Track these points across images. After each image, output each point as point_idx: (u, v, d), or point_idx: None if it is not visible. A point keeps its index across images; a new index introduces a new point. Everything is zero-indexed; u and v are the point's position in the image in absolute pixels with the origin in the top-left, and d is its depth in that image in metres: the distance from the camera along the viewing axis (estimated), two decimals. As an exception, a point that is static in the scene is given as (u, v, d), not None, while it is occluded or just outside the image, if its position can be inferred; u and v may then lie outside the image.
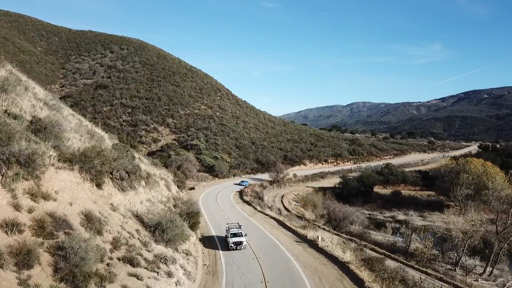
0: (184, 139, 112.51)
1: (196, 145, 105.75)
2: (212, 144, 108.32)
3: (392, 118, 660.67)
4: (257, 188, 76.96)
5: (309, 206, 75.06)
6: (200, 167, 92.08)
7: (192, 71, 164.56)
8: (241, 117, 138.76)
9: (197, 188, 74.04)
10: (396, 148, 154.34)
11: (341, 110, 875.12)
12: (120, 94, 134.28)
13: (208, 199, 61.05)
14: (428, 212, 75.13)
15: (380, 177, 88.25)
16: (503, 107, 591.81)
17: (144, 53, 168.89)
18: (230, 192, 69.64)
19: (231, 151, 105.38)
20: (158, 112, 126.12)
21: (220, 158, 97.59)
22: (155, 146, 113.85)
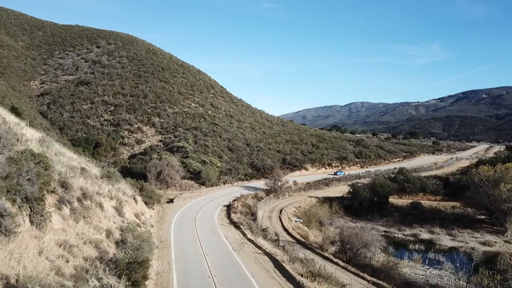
0: (171, 141, 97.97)
1: (183, 147, 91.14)
2: (201, 146, 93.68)
3: (391, 118, 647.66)
4: (249, 200, 62.27)
5: (313, 223, 60.49)
6: (185, 173, 77.46)
7: (184, 67, 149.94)
8: (236, 116, 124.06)
9: (176, 200, 59.39)
10: (404, 149, 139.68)
11: (340, 110, 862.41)
12: (103, 91, 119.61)
13: (185, 218, 46.38)
14: (457, 230, 60.48)
15: (395, 185, 73.61)
16: (502, 107, 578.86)
17: (133, 47, 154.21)
18: (216, 207, 54.95)
19: (222, 154, 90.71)
20: (144, 111, 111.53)
21: (209, 163, 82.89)
22: (138, 148, 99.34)
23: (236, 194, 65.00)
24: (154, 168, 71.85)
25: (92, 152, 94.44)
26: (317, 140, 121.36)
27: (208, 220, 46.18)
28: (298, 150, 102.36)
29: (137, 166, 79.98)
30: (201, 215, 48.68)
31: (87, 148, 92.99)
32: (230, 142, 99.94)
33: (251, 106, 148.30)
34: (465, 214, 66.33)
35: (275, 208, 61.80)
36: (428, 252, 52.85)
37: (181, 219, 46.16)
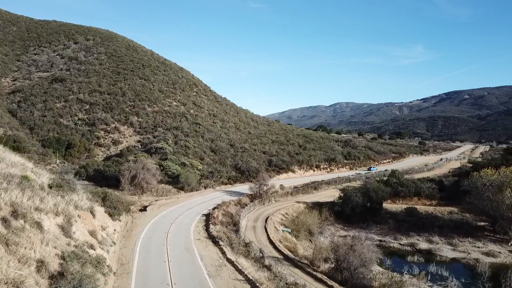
0: (149, 141, 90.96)
1: (162, 149, 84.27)
2: (182, 147, 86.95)
3: (375, 118, 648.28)
4: (232, 207, 55.91)
5: (302, 232, 54.42)
6: (163, 176, 70.72)
7: (165, 64, 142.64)
8: (219, 115, 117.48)
9: (150, 208, 52.75)
10: (393, 150, 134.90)
11: (325, 110, 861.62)
12: (78, 88, 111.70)
13: (156, 232, 39.82)
14: (458, 239, 55.16)
15: (389, 189, 68.11)
16: (483, 107, 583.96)
17: (112, 44, 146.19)
18: (194, 217, 48.45)
19: (204, 156, 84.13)
20: (121, 109, 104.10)
21: (189, 165, 76.25)
22: (114, 149, 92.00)
23: (218, 201, 58.59)
24: (128, 171, 65.02)
25: (64, 153, 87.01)
26: (304, 140, 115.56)
27: (182, 234, 39.67)
28: (284, 151, 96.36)
29: (110, 169, 72.84)
30: (175, 228, 42.15)
31: (58, 149, 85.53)
32: (213, 142, 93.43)
33: (236, 105, 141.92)
34: (464, 221, 61.08)
35: (260, 216, 55.59)
36: (430, 265, 47.34)
37: (152, 232, 39.58)
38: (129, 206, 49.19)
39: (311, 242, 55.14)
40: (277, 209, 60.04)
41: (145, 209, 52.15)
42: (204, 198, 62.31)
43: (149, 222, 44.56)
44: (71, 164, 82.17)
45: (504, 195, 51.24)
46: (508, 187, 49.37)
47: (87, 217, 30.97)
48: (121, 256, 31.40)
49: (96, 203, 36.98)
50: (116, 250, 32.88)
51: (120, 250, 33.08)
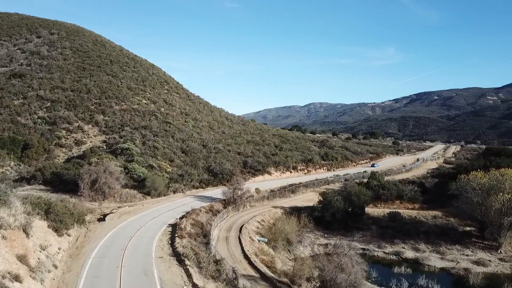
0: (115, 141, 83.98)
1: (128, 149, 77.48)
2: (150, 148, 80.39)
3: (349, 118, 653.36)
4: (202, 215, 50.12)
5: (279, 242, 49.17)
6: (128, 180, 64.21)
7: (135, 61, 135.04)
8: (192, 114, 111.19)
9: (110, 218, 46.41)
10: (370, 151, 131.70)
11: (299, 110, 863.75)
12: (39, 84, 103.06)
13: (111, 249, 33.72)
14: (445, 246, 51.20)
15: (370, 193, 63.76)
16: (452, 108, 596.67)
17: (78, 38, 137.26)
18: (158, 228, 42.46)
19: (174, 157, 77.87)
20: (86, 107, 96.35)
21: (157, 168, 69.92)
22: (77, 150, 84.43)
23: (187, 208, 52.73)
24: (88, 175, 58.21)
25: (20, 155, 78.94)
26: (280, 140, 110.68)
27: (142, 251, 33.71)
28: (260, 152, 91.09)
29: (70, 173, 65.60)
30: (135, 242, 36.12)
31: (13, 150, 77.45)
32: (184, 143, 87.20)
33: (210, 104, 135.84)
34: (449, 226, 57.34)
35: (234, 224, 50.03)
36: (419, 277, 43.01)
37: (106, 250, 33.46)
38: (83, 216, 42.76)
39: (289, 253, 50.11)
40: (253, 216, 54.63)
41: (103, 219, 45.81)
42: (172, 204, 56.23)
43: (106, 235, 38.33)
44: (28, 167, 74.42)
45: (493, 199, 47.52)
46: (499, 191, 45.57)
47: (17, 237, 24.72)
48: (61, 285, 25.30)
49: (36, 216, 30.69)
50: (57, 275, 26.74)
51: (62, 276, 26.95)
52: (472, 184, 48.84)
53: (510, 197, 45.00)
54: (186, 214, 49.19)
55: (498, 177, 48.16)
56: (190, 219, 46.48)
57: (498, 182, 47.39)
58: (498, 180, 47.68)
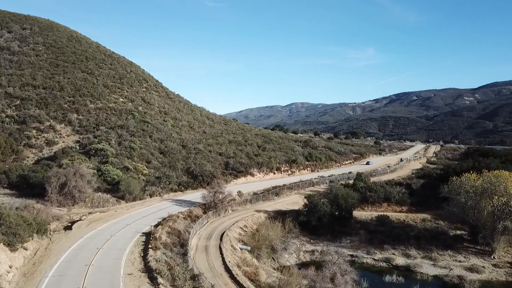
0: (89, 142, 78.94)
1: (103, 150, 72.67)
2: (126, 149, 75.67)
3: (330, 118, 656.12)
4: (180, 222, 46.08)
5: (263, 250, 45.63)
6: (101, 183, 59.61)
7: (113, 58, 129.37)
8: (171, 113, 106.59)
9: (78, 226, 41.98)
10: (354, 151, 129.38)
11: (281, 110, 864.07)
12: (8, 81, 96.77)
13: (73, 264, 29.49)
14: (437, 252, 48.57)
15: (357, 195, 60.71)
16: (430, 108, 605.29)
17: (52, 34, 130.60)
18: (130, 238, 38.30)
19: (151, 158, 73.43)
20: (58, 106, 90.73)
21: (132, 170, 65.45)
22: (48, 150, 78.94)
23: (164, 213, 48.62)
24: (56, 178, 53.47)
25: (-15, 156, 73.20)
26: (263, 140, 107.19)
27: (110, 267, 29.60)
28: (242, 153, 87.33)
29: (38, 175, 60.53)
30: (102, 256, 31.97)
31: (-23, 151, 71.72)
32: (163, 143, 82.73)
33: (190, 103, 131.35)
34: (440, 230, 54.77)
35: (215, 231, 46.21)
36: (412, 287, 40.12)
37: (67, 266, 29.24)
38: (46, 225, 38.27)
39: (274, 261, 46.63)
40: (235, 221, 50.90)
41: (69, 227, 41.38)
42: (148, 209, 52.00)
43: (70, 247, 34.03)
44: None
45: (486, 203, 45.13)
46: (493, 194, 43.07)
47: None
48: (6, 314, 21.12)
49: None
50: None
51: (9, 301, 22.74)
52: (465, 186, 46.21)
53: (505, 201, 42.48)
54: (162, 220, 45.12)
55: (491, 179, 45.64)
56: (166, 226, 42.44)
57: (491, 185, 44.81)
58: (492, 182, 45.12)
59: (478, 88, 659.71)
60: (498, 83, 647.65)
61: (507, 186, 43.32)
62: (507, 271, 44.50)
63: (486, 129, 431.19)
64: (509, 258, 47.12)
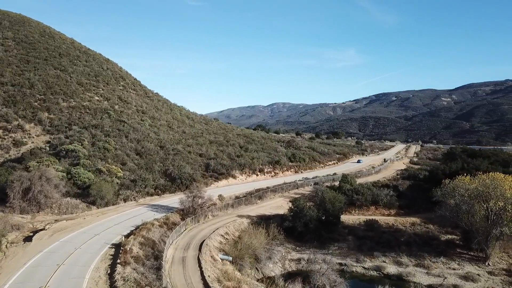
0: (60, 142, 73.60)
1: (74, 151, 67.62)
2: (100, 150, 70.75)
3: (311, 118, 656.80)
4: (155, 231, 41.88)
5: (246, 260, 41.85)
6: (70, 187, 54.90)
7: (88, 54, 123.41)
8: (149, 112, 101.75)
9: (39, 237, 37.37)
10: (337, 151, 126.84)
11: (262, 110, 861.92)
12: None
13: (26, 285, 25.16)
14: (429, 259, 45.72)
15: (343, 198, 57.50)
16: (409, 109, 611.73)
17: (23, 29, 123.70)
18: (97, 251, 33.99)
19: (126, 160, 68.76)
20: (28, 104, 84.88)
21: (106, 172, 60.74)
22: (16, 151, 73.21)
23: (137, 220, 44.38)
24: (19, 182, 48.75)
25: None
26: (245, 141, 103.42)
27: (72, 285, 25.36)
28: (224, 153, 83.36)
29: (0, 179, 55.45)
30: (62, 274, 27.65)
31: None
32: (139, 143, 78.04)
33: (169, 101, 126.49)
34: (430, 235, 51.99)
35: (193, 239, 42.25)
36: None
37: (18, 288, 24.86)
38: (1, 236, 33.61)
39: (258, 271, 42.92)
40: (215, 228, 47.00)
41: (29, 238, 36.76)
42: (121, 216, 47.59)
43: (25, 264, 29.57)
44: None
45: (481, 207, 42.47)
46: (490, 198, 40.40)
47: None
48: None
49: None
50: None
51: None
52: (459, 190, 43.46)
53: (502, 205, 39.84)
54: (135, 229, 40.91)
55: (486, 182, 43.02)
56: (139, 236, 38.21)
57: (487, 188, 42.15)
58: (487, 185, 42.47)
59: (455, 89, 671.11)
60: (474, 84, 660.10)
61: (504, 190, 40.70)
62: (503, 279, 41.95)
63: (463, 129, 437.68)
64: (504, 265, 44.63)
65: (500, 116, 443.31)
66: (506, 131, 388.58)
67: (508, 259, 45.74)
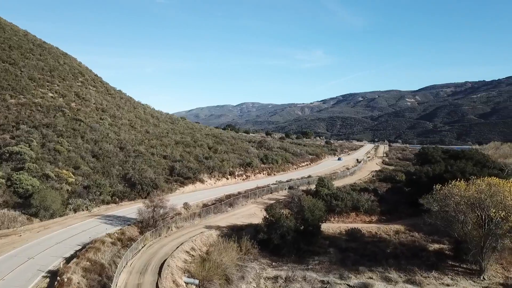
0: (4, 143, 64.32)
1: (19, 154, 58.78)
2: (50, 152, 62.20)
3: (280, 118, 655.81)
4: (106, 250, 34.62)
5: (216, 283, 35.26)
6: (10, 196, 46.60)
7: (43, 48, 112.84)
8: (110, 111, 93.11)
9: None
10: (310, 152, 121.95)
11: (232, 110, 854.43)
12: None
13: None
14: (420, 273, 40.69)
15: (322, 204, 51.84)
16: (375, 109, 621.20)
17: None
18: (28, 281, 26.64)
19: (80, 163, 60.55)
20: (-31, 100, 74.99)
21: (54, 178, 52.59)
22: (-49, 154, 63.52)
23: (86, 237, 37.00)
24: None
25: None
26: (214, 141, 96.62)
27: None
28: (191, 155, 76.29)
29: None
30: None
31: None
32: (97, 144, 69.83)
33: (133, 99, 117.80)
34: (418, 245, 47.22)
35: (153, 259, 35.35)
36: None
37: None
38: None
39: (229, 295, 36.53)
40: (179, 243, 40.24)
41: None
42: (67, 231, 39.95)
43: None
44: None
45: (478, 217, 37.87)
46: (493, 208, 35.72)
47: None
48: None
49: None
50: None
51: None
52: (455, 197, 38.63)
53: (504, 215, 35.24)
54: (81, 249, 33.63)
55: (484, 188, 38.41)
56: (84, 259, 30.96)
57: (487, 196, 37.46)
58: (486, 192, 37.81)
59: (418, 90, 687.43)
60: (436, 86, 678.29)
61: (505, 198, 36.17)
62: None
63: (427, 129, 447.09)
64: (500, 279, 40.23)
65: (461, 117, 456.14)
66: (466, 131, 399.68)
67: (504, 272, 41.43)
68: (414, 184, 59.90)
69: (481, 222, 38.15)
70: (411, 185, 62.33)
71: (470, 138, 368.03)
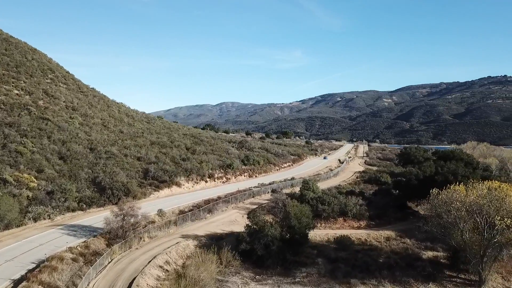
0: (-40, 144, 58.04)
1: (-25, 156, 52.76)
2: (11, 153, 56.21)
3: (259, 118, 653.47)
4: (65, 268, 29.68)
5: (193, 303, 30.94)
6: (-41, 205, 40.74)
7: (9, 42, 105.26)
8: (81, 109, 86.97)
9: None
10: (291, 152, 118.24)
11: (211, 109, 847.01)
12: None
13: None
14: (416, 285, 37.26)
15: (309, 211, 47.87)
16: (353, 109, 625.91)
17: None
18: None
19: (45, 166, 54.79)
20: None
21: (13, 183, 46.92)
22: None
23: (42, 252, 31.90)
24: None
25: None
26: (192, 141, 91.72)
27: None
28: (167, 157, 71.26)
29: None
30: None
31: None
32: (65, 145, 64.02)
33: (107, 97, 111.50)
34: (410, 253, 43.89)
35: (120, 277, 30.66)
36: None
37: None
38: None
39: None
40: (152, 256, 35.60)
41: None
42: (22, 245, 34.66)
43: None
44: None
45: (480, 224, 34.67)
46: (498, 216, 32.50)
47: None
48: None
49: None
50: None
51: None
52: (455, 203, 35.26)
53: (510, 222, 32.05)
54: (35, 267, 28.64)
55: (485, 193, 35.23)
56: (35, 282, 26.01)
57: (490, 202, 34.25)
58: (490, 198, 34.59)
59: (395, 91, 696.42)
60: (412, 87, 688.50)
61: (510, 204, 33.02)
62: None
63: (404, 129, 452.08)
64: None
65: (436, 117, 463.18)
66: (442, 131, 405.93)
67: (504, 282, 38.42)
68: (403, 187, 56.82)
69: (482, 229, 35.04)
70: (398, 188, 59.25)
71: (446, 137, 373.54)
